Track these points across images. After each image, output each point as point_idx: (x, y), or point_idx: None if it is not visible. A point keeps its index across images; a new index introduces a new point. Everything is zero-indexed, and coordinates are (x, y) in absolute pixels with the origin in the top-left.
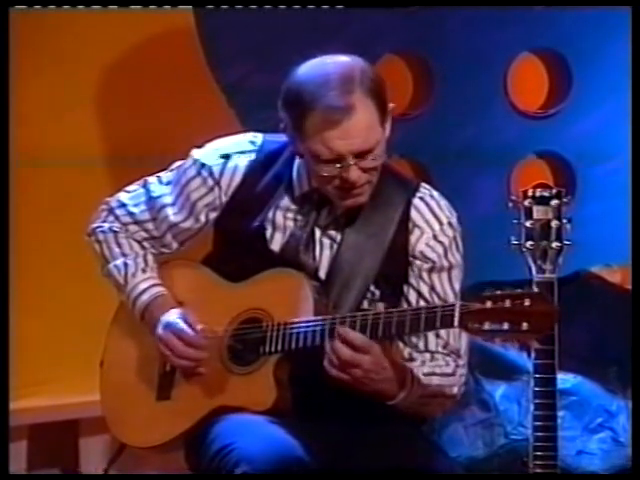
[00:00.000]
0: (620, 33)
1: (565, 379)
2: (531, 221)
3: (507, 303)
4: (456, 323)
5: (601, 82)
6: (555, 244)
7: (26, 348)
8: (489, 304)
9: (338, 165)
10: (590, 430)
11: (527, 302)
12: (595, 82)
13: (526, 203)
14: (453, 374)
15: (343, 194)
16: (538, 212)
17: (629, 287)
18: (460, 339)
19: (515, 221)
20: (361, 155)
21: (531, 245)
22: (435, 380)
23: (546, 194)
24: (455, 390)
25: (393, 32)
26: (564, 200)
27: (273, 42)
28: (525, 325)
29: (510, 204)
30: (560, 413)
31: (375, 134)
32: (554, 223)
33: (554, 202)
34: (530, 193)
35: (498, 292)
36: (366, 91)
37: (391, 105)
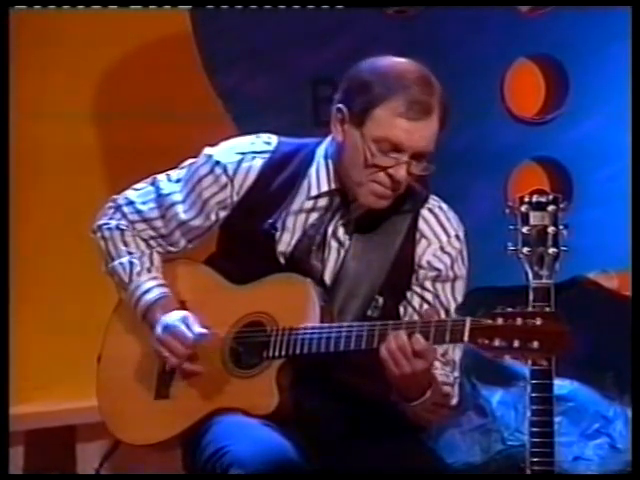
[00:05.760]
0: (617, 40)
1: (562, 385)
2: (528, 227)
3: (518, 321)
4: (466, 338)
5: (598, 88)
6: (552, 250)
7: (24, 354)
8: (500, 321)
9: (393, 156)
10: (587, 436)
11: (539, 321)
12: (592, 88)
13: (523, 209)
14: (452, 384)
15: (376, 190)
16: (535, 218)
17: (626, 293)
18: (455, 352)
19: (512, 227)
20: (416, 157)
21: (528, 251)
22: (446, 389)
23: (543, 200)
24: (454, 401)
25: (390, 37)
26: (561, 206)
27: (270, 47)
28: (536, 344)
29: (507, 210)
30: (557, 419)
31: (434, 143)
32: (551, 229)
33: (551, 208)
34: (527, 199)
35: (509, 309)
36: (439, 101)
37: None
